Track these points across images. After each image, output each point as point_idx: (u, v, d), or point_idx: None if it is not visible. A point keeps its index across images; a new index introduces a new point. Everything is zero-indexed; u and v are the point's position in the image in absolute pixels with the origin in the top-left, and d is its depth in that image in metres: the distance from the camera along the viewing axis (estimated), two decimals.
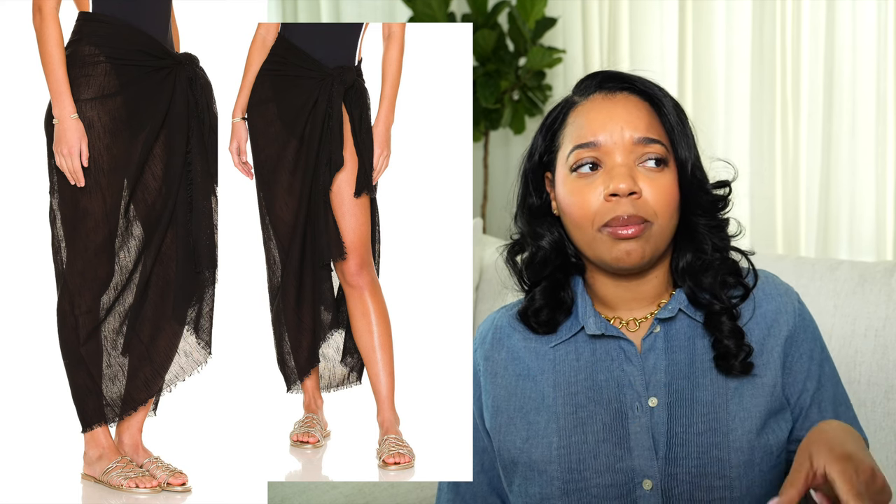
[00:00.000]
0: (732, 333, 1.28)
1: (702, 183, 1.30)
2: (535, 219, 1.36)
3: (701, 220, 1.30)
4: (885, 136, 3.13)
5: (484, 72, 3.43)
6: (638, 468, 1.26)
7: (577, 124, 1.29)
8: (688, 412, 1.27)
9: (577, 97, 1.33)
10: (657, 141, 1.26)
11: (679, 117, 1.30)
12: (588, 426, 1.29)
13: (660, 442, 1.26)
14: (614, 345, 1.32)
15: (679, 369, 1.29)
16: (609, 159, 1.26)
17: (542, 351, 1.36)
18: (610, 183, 1.24)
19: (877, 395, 2.05)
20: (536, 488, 1.30)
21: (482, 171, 3.78)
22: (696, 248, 1.31)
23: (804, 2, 3.21)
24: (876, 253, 3.17)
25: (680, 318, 1.32)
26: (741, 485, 1.25)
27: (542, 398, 1.33)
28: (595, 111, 1.28)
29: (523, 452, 1.32)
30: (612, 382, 1.30)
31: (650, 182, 1.25)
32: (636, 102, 1.29)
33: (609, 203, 1.24)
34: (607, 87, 1.30)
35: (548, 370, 1.34)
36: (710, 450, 1.25)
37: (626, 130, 1.26)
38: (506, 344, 1.39)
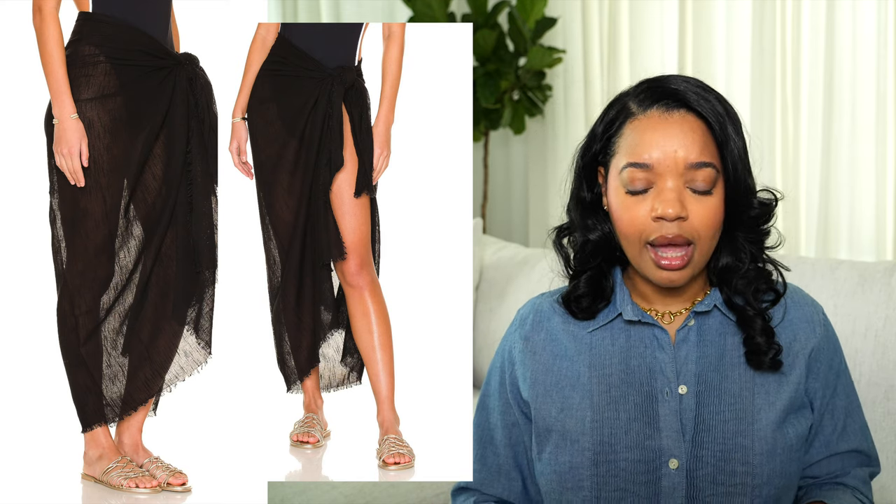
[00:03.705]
0: (764, 331, 1.35)
1: (748, 202, 1.36)
2: (587, 212, 1.41)
3: (741, 231, 1.37)
4: (885, 136, 3.12)
5: (484, 72, 3.43)
6: (665, 448, 1.33)
7: (632, 138, 1.33)
8: (715, 401, 1.34)
9: (634, 106, 1.35)
10: (709, 164, 1.31)
11: (736, 135, 1.33)
12: (620, 404, 1.36)
13: (687, 426, 1.33)
14: (648, 332, 1.39)
15: (709, 361, 1.36)
16: (660, 181, 1.30)
17: (579, 335, 1.42)
18: (659, 206, 1.30)
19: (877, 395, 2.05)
20: (567, 457, 1.36)
21: (482, 171, 3.78)
22: (734, 255, 1.38)
23: (804, 2, 3.21)
24: (876, 253, 3.17)
25: (714, 313, 1.39)
26: (762, 472, 1.32)
27: (577, 377, 1.40)
28: (651, 130, 1.32)
29: (558, 421, 1.39)
30: (644, 368, 1.37)
31: (698, 204, 1.30)
32: (692, 123, 1.32)
33: (656, 223, 1.30)
34: (666, 103, 1.33)
35: (584, 352, 1.40)
36: (734, 436, 1.32)
37: (679, 152, 1.30)
38: (545, 326, 1.45)
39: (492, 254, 3.00)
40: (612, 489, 1.34)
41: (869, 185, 3.16)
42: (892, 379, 2.04)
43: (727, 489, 1.31)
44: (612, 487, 1.33)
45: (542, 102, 3.56)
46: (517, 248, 3.02)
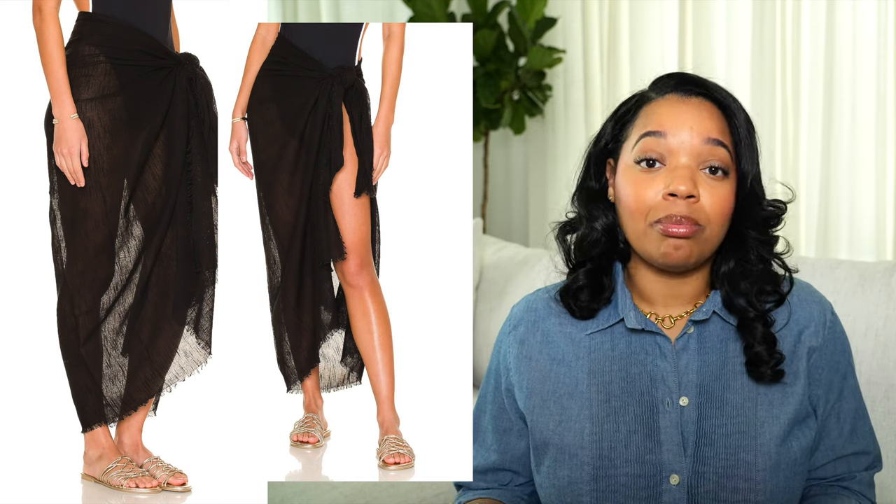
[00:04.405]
0: (764, 339, 1.31)
1: (759, 198, 1.34)
2: (592, 201, 1.39)
3: (751, 232, 1.34)
4: (885, 136, 3.13)
5: (484, 72, 3.43)
6: (666, 462, 1.30)
7: (647, 117, 1.32)
8: (717, 413, 1.31)
9: (652, 93, 1.35)
10: (724, 145, 1.29)
11: (748, 130, 1.33)
12: (620, 416, 1.33)
13: (689, 440, 1.30)
14: (650, 340, 1.35)
15: (711, 370, 1.33)
16: (674, 158, 1.28)
17: (577, 337, 1.39)
18: (671, 183, 1.26)
19: (877, 394, 2.05)
20: (566, 472, 1.34)
21: (482, 171, 3.78)
22: (740, 256, 1.34)
23: (804, 2, 3.21)
24: (876, 253, 3.17)
25: (714, 320, 1.35)
26: (766, 488, 1.28)
27: (575, 384, 1.37)
28: (668, 108, 1.31)
29: (555, 435, 1.36)
30: (644, 376, 1.34)
31: (709, 188, 1.28)
32: (709, 108, 1.31)
33: (666, 202, 1.27)
34: (683, 89, 1.33)
35: (583, 357, 1.37)
36: (737, 452, 1.29)
37: (695, 130, 1.28)
38: (541, 327, 1.42)
39: (492, 254, 3.00)
40: None
41: (869, 185, 3.16)
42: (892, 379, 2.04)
43: None
44: (611, 502, 1.31)
45: (542, 102, 3.56)
46: (517, 248, 3.02)
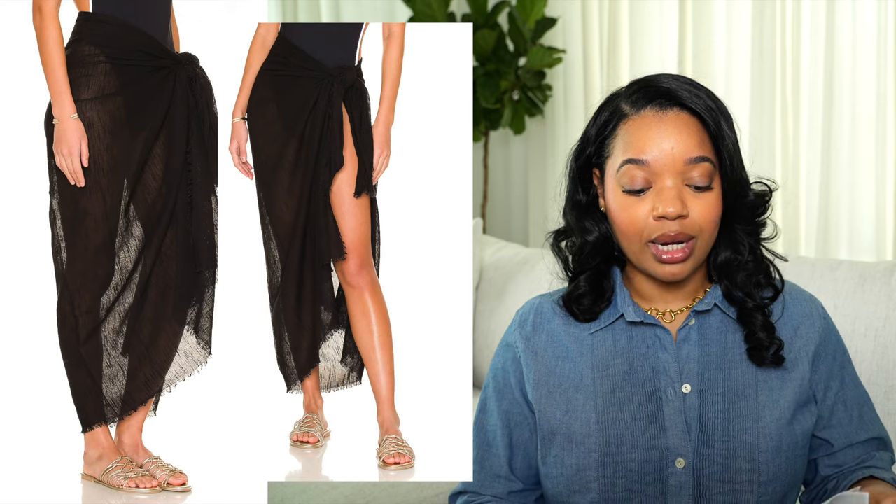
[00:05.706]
0: (764, 327, 1.36)
1: (745, 193, 1.36)
2: (584, 214, 1.42)
3: (739, 223, 1.37)
4: (885, 136, 3.13)
5: (484, 72, 3.43)
6: (671, 447, 1.33)
7: (627, 138, 1.33)
8: (719, 399, 1.35)
9: (627, 107, 1.35)
10: (706, 159, 1.31)
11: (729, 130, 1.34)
12: (625, 405, 1.37)
13: (692, 425, 1.34)
14: (651, 332, 1.39)
15: (711, 360, 1.37)
16: (659, 180, 1.31)
17: (581, 336, 1.42)
18: (659, 205, 1.30)
19: (877, 395, 2.06)
20: (573, 459, 1.37)
21: (482, 171, 3.78)
22: (733, 247, 1.38)
23: (804, 2, 3.21)
24: (876, 253, 3.17)
25: (714, 311, 1.40)
26: (769, 469, 1.33)
27: (580, 378, 1.40)
28: (646, 128, 1.32)
29: (563, 424, 1.39)
30: (647, 368, 1.38)
31: (697, 201, 1.31)
32: (686, 120, 1.33)
33: (657, 223, 1.31)
34: (659, 102, 1.34)
35: (586, 353, 1.41)
36: (739, 434, 1.33)
37: (676, 149, 1.31)
38: (546, 328, 1.45)
39: (492, 254, 3.00)
40: (619, 490, 1.34)
41: (869, 185, 3.16)
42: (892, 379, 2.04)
43: (734, 487, 1.32)
44: (619, 488, 1.34)
45: (542, 102, 3.56)
46: (517, 248, 3.02)
